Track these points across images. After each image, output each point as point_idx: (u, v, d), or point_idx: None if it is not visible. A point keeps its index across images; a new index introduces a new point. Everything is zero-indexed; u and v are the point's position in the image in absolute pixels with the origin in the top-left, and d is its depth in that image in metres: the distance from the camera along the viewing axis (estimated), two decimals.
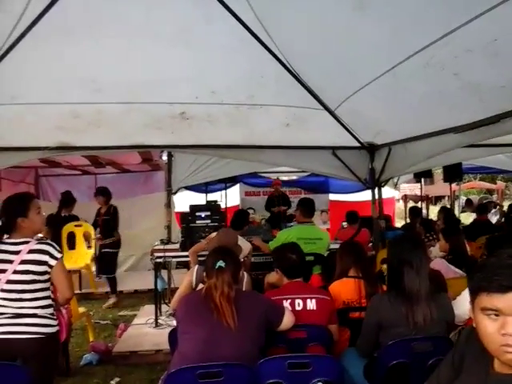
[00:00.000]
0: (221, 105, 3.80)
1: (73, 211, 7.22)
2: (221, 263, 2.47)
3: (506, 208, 9.81)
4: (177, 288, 4.67)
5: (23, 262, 2.51)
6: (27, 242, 2.56)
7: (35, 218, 2.67)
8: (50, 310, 2.61)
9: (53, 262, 2.55)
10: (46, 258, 2.54)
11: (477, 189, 20.43)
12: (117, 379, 3.95)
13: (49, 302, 2.61)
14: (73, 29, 2.71)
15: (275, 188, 9.05)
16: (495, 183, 18.14)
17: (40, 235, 2.81)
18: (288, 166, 6.13)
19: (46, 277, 2.57)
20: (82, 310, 4.73)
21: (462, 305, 2.40)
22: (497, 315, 1.22)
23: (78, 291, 6.44)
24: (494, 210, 10.66)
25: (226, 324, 2.29)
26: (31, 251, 2.53)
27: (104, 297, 7.02)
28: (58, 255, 2.59)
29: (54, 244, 2.64)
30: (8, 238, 2.59)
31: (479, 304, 1.26)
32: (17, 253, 2.52)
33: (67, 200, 7.08)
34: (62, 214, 6.96)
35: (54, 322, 2.62)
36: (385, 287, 2.87)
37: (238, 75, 3.36)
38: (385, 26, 2.46)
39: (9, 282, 2.49)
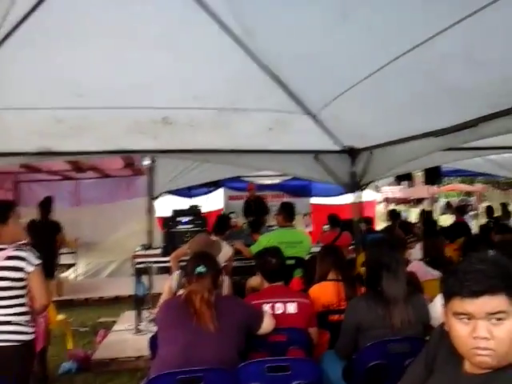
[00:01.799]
0: (203, 109, 3.80)
1: (54, 217, 7.07)
2: (201, 269, 2.47)
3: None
4: (158, 293, 4.65)
5: (0, 268, 2.48)
6: (4, 249, 2.53)
7: (14, 226, 2.67)
8: (26, 318, 2.58)
9: (30, 269, 2.54)
10: (22, 264, 2.53)
11: (456, 191, 20.78)
12: None
13: (24, 309, 2.59)
14: (55, 34, 2.67)
15: (250, 193, 9.06)
16: (473, 186, 18.48)
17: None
18: (271, 170, 6.15)
19: (22, 283, 2.55)
20: (60, 317, 4.66)
21: (439, 307, 2.44)
22: (469, 319, 1.25)
23: (57, 298, 6.35)
24: (471, 213, 10.86)
25: (205, 329, 2.29)
26: (8, 258, 2.52)
27: (84, 303, 6.95)
28: (36, 261, 2.58)
29: (34, 250, 2.62)
30: None
31: (452, 308, 1.30)
32: None
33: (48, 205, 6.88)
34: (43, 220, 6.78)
35: (30, 330, 2.60)
36: (363, 289, 2.90)
37: (221, 80, 3.35)
38: (366, 31, 2.49)
39: None
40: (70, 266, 8.51)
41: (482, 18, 1.96)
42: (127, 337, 4.92)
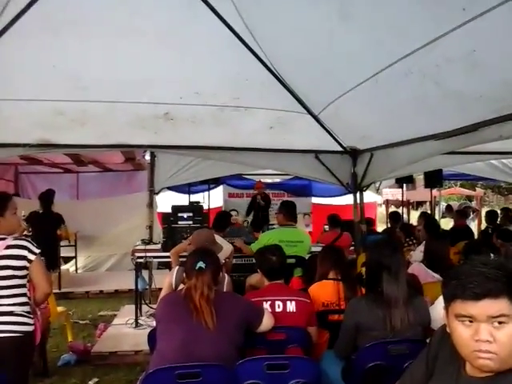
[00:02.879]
0: (205, 106, 3.80)
1: (54, 210, 7.07)
2: (201, 264, 2.47)
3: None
4: (158, 288, 4.66)
5: (1, 257, 2.48)
6: (4, 239, 2.53)
7: (11, 218, 2.66)
8: (27, 308, 2.58)
9: (32, 257, 2.53)
10: (24, 252, 2.52)
11: (457, 195, 20.76)
12: (95, 380, 3.91)
13: (25, 299, 2.58)
14: (58, 25, 2.69)
15: (258, 190, 9.08)
16: (475, 190, 18.46)
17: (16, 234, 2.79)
18: (271, 169, 6.15)
19: (24, 272, 2.54)
20: (60, 309, 4.67)
21: (439, 309, 2.44)
22: (471, 322, 1.26)
23: (57, 290, 6.36)
24: (471, 216, 10.85)
25: (204, 325, 2.29)
26: (9, 247, 2.51)
27: (84, 297, 6.96)
28: (37, 250, 2.57)
29: (31, 240, 2.62)
30: None
31: (454, 311, 1.30)
32: None
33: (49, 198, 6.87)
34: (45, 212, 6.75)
35: (31, 321, 2.59)
36: (364, 290, 2.91)
37: (223, 77, 3.37)
38: (368, 33, 2.51)
39: None
40: (69, 258, 8.52)
41: (485, 23, 1.97)
42: (126, 331, 4.93)
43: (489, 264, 1.29)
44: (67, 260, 8.49)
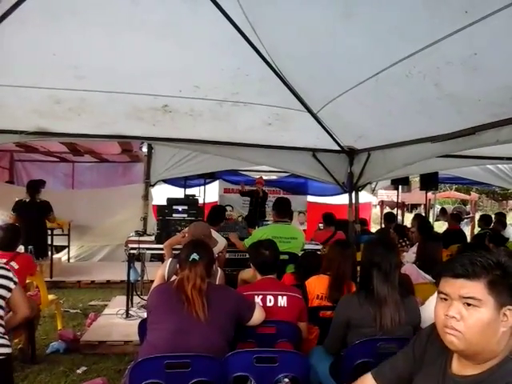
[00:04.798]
0: (204, 100, 3.80)
1: (48, 199, 7.01)
2: (195, 256, 2.48)
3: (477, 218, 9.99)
4: (150, 280, 4.66)
5: None
6: None
7: None
8: (2, 329, 2.52)
9: (16, 279, 2.55)
10: (10, 274, 2.54)
11: (452, 198, 20.87)
12: (83, 368, 3.90)
13: (2, 321, 2.54)
14: (58, 14, 2.67)
15: (257, 187, 9.08)
16: (469, 194, 18.56)
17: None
18: (268, 166, 6.16)
19: (7, 294, 2.53)
20: (51, 297, 4.67)
21: (430, 310, 2.45)
22: (446, 299, 1.34)
23: (48, 279, 6.35)
24: (466, 220, 10.90)
25: (195, 316, 2.30)
26: None
27: (76, 286, 6.95)
28: (16, 279, 2.58)
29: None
30: None
31: (438, 288, 1.39)
32: None
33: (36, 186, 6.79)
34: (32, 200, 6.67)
35: (9, 342, 2.53)
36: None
37: (223, 72, 3.37)
38: (370, 33, 2.51)
39: None
40: (62, 247, 8.50)
41: (487, 26, 1.99)
42: (117, 321, 4.91)
43: (481, 253, 1.35)
44: (60, 249, 8.47)
